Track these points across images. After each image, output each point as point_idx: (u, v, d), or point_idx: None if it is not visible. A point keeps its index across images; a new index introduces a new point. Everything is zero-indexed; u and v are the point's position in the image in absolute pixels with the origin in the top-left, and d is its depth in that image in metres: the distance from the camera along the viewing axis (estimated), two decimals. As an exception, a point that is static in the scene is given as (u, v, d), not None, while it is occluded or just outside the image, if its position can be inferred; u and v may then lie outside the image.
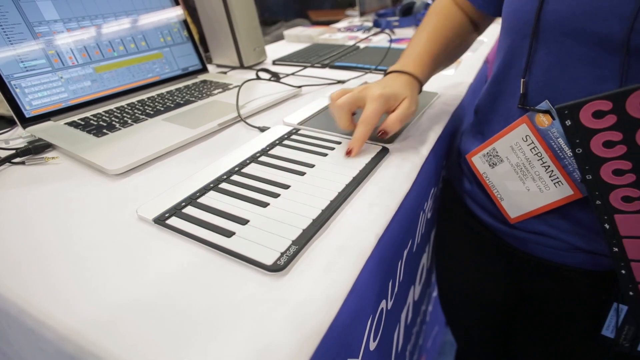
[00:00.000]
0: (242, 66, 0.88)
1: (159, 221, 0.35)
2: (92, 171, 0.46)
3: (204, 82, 0.74)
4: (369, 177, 0.42)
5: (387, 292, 0.42)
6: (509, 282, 0.55)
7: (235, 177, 0.41)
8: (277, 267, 0.29)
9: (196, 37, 0.79)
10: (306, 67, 0.85)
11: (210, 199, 0.38)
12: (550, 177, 0.39)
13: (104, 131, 0.53)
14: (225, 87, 0.70)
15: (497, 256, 0.53)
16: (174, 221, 0.35)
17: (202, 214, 0.35)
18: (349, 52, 0.94)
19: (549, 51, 0.37)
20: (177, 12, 0.75)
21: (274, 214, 0.35)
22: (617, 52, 0.32)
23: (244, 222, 0.34)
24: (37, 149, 0.50)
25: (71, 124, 0.55)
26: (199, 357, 0.23)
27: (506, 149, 0.43)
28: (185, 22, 0.76)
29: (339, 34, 1.17)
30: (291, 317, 0.26)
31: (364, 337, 0.34)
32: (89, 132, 0.53)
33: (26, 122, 0.54)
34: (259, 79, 0.75)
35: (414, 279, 0.61)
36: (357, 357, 0.32)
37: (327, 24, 1.42)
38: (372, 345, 0.38)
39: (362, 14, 1.44)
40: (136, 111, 0.60)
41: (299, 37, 1.17)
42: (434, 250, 0.73)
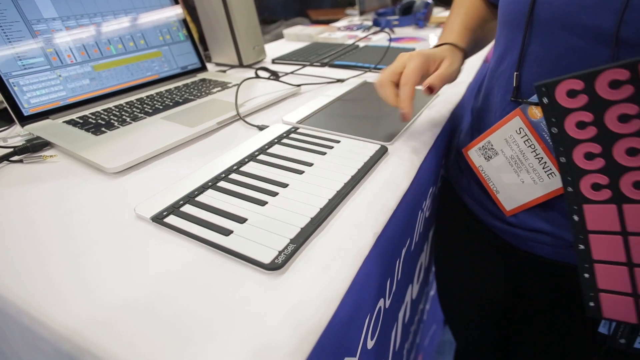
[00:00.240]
0: (241, 65, 0.88)
1: (157, 219, 0.35)
2: (90, 169, 0.46)
3: (203, 80, 0.73)
4: (368, 175, 0.42)
5: (385, 291, 0.42)
6: (507, 280, 0.55)
7: (233, 176, 0.41)
8: (274, 266, 0.29)
9: (195, 35, 0.79)
10: (305, 65, 0.84)
11: (208, 197, 0.38)
12: (543, 169, 0.40)
13: (103, 129, 0.53)
14: (224, 85, 0.70)
15: (496, 254, 0.53)
16: (172, 219, 0.35)
17: (201, 212, 0.35)
18: (349, 51, 0.94)
19: (542, 43, 0.38)
20: (176, 11, 0.74)
21: (272, 213, 0.35)
22: (607, 43, 0.32)
23: (242, 220, 0.34)
24: (35, 147, 0.50)
25: (69, 122, 0.55)
26: (197, 355, 0.23)
27: (501, 142, 0.43)
28: (184, 20, 0.76)
29: (338, 32, 1.17)
30: (289, 315, 0.26)
31: (362, 335, 0.34)
32: (88, 130, 0.53)
33: (24, 120, 0.54)
34: (258, 77, 0.75)
35: (412, 277, 0.61)
36: (355, 356, 0.32)
37: (327, 23, 1.42)
38: (370, 343, 0.38)
39: (362, 13, 1.44)
40: (135, 109, 0.60)
41: (298, 36, 1.17)
42: (432, 248, 0.73)
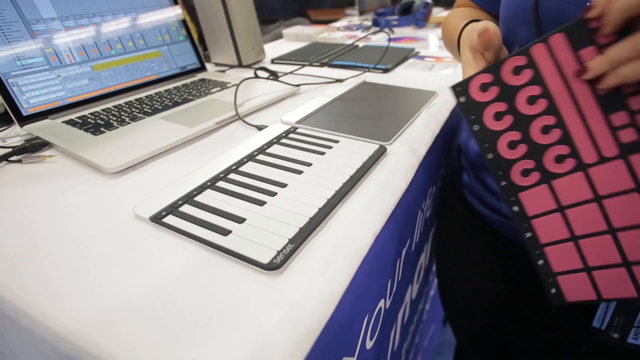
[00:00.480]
0: (240, 65, 0.88)
1: (156, 219, 0.35)
2: (89, 169, 0.46)
3: (202, 80, 0.73)
4: (367, 175, 0.42)
5: (386, 291, 0.42)
6: (506, 275, 0.55)
7: (232, 176, 0.41)
8: (273, 266, 0.29)
9: (195, 35, 0.79)
10: (305, 65, 0.84)
11: (207, 197, 0.38)
12: None
13: (102, 129, 0.53)
14: (223, 85, 0.70)
15: (495, 249, 0.53)
16: (170, 219, 0.35)
17: (199, 212, 0.35)
18: (348, 51, 0.94)
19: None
20: (175, 11, 0.74)
21: (271, 213, 0.35)
22: None
23: (240, 220, 0.34)
24: (34, 147, 0.50)
25: (69, 122, 0.55)
26: (195, 355, 0.23)
27: None
28: (183, 20, 0.76)
29: (337, 32, 1.17)
30: (287, 315, 0.26)
31: (360, 335, 0.34)
32: (87, 130, 0.53)
33: (23, 120, 0.54)
34: (257, 77, 0.75)
35: (412, 278, 0.61)
36: (353, 356, 0.32)
37: (327, 22, 1.42)
38: (369, 343, 0.38)
39: (362, 13, 1.44)
40: (134, 109, 0.60)
41: (298, 36, 1.17)
42: (434, 244, 0.73)
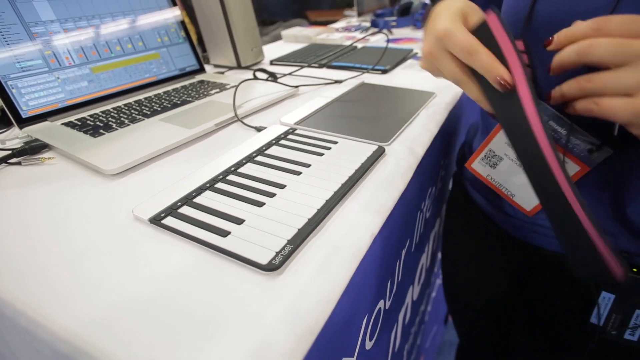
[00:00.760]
0: (239, 66, 0.88)
1: (155, 221, 0.35)
2: (88, 171, 0.46)
3: (201, 82, 0.74)
4: (365, 176, 0.42)
5: (386, 291, 0.42)
6: (509, 272, 0.56)
7: (231, 177, 0.41)
8: (272, 267, 0.29)
9: (194, 37, 0.79)
10: (303, 67, 0.85)
11: (206, 198, 0.38)
12: None
13: (101, 131, 0.53)
14: (222, 87, 0.70)
15: (497, 245, 0.54)
16: (169, 221, 0.35)
17: (198, 213, 0.35)
18: (347, 52, 0.94)
19: (537, 51, 0.39)
20: (174, 13, 0.75)
21: (270, 214, 0.35)
22: None
23: (239, 221, 0.34)
24: (33, 149, 0.50)
25: (68, 125, 0.55)
26: (195, 356, 0.23)
27: (502, 146, 0.43)
28: (182, 22, 0.76)
29: (336, 34, 1.17)
30: (285, 316, 0.26)
31: (359, 336, 0.34)
32: (86, 132, 0.53)
33: (23, 122, 0.54)
34: (256, 79, 0.75)
35: (412, 278, 0.61)
36: (353, 356, 0.32)
37: (326, 24, 1.42)
38: (369, 344, 0.38)
39: (360, 14, 1.44)
40: (133, 111, 0.60)
41: (296, 37, 1.17)
42: (440, 240, 0.73)
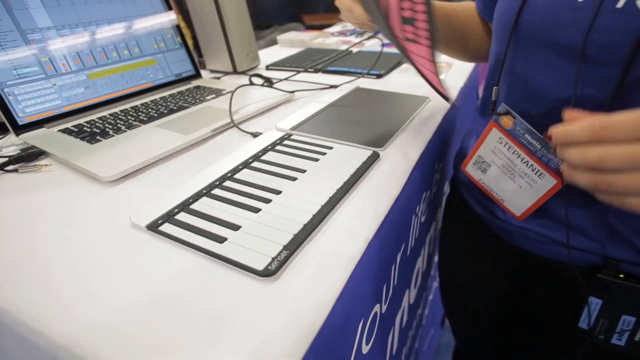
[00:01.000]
0: (235, 71, 0.89)
1: (152, 228, 0.35)
2: (85, 178, 0.46)
3: (198, 87, 0.74)
4: (360, 181, 0.43)
5: (382, 296, 0.42)
6: (506, 276, 0.56)
7: (227, 183, 0.42)
8: (268, 272, 0.29)
9: (190, 42, 0.79)
10: (299, 72, 0.85)
11: (203, 205, 0.38)
12: (532, 171, 0.41)
13: (98, 138, 0.53)
14: (218, 92, 0.70)
15: (494, 247, 0.54)
16: (166, 227, 0.35)
17: (195, 220, 0.36)
18: (342, 57, 0.95)
19: (525, 58, 0.40)
20: (170, 18, 0.75)
21: (266, 220, 0.35)
22: (576, 60, 0.35)
23: (236, 227, 0.34)
24: (30, 156, 0.50)
25: (64, 131, 0.55)
26: (190, 362, 0.24)
27: (489, 154, 0.45)
28: (178, 27, 0.76)
29: (332, 38, 1.18)
30: (282, 321, 0.26)
31: (356, 340, 0.34)
32: (83, 139, 0.53)
33: (19, 129, 0.54)
34: (252, 84, 0.76)
35: (409, 282, 0.61)
36: (349, 361, 0.32)
37: (321, 27, 1.43)
38: (365, 348, 0.38)
39: (356, 18, 1.45)
40: (129, 117, 0.60)
41: (292, 42, 1.18)
42: (437, 243, 0.74)
